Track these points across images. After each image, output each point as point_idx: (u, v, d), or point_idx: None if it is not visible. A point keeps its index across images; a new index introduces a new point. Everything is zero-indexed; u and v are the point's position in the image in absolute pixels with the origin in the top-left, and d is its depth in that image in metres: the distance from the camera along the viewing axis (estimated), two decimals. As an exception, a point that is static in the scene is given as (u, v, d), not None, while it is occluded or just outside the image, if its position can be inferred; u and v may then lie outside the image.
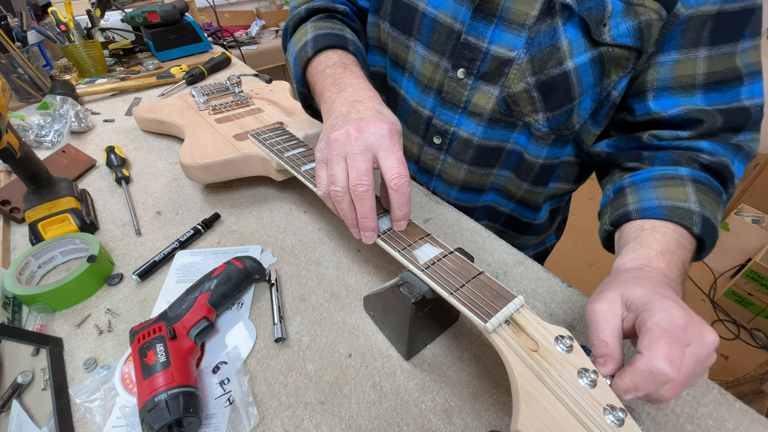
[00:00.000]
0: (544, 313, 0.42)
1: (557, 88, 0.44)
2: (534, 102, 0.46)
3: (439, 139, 0.54)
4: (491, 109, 0.49)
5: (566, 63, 0.43)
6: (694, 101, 0.42)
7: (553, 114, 0.47)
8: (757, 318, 1.51)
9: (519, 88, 0.46)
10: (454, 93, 0.50)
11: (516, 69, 0.45)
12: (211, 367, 0.38)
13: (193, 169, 0.55)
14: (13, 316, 0.41)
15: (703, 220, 0.37)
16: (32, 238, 0.51)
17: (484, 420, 0.34)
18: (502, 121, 0.50)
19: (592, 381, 0.24)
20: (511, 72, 0.45)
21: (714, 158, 0.41)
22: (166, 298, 0.44)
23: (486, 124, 0.50)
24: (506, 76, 0.46)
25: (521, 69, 0.45)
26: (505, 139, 0.51)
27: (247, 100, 0.73)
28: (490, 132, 0.51)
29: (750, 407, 0.34)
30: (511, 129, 0.50)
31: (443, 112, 0.52)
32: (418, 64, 0.51)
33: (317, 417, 0.34)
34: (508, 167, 0.55)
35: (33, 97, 0.88)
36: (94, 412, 0.34)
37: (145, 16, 1.03)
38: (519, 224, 0.63)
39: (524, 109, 0.47)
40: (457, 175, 0.57)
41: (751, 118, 0.42)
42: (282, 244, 0.52)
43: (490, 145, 0.52)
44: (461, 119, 0.51)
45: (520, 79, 0.45)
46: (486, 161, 0.54)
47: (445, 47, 0.48)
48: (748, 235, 1.65)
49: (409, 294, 0.33)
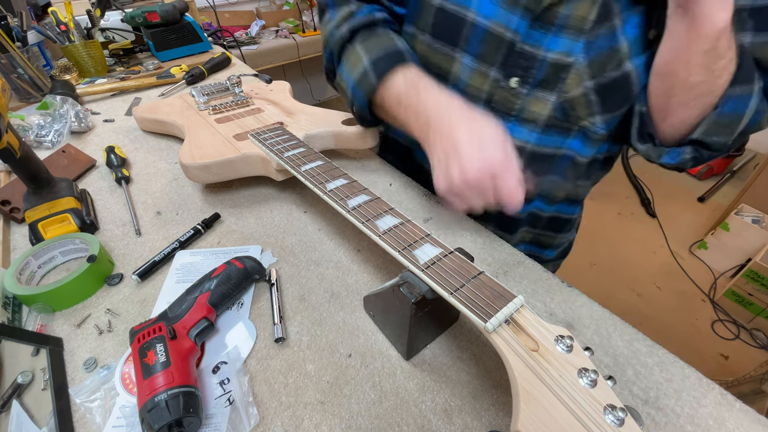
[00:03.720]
0: (544, 313, 0.42)
1: (617, 90, 0.44)
2: (591, 105, 0.46)
3: None
4: (548, 115, 0.48)
5: (625, 64, 0.43)
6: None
7: (612, 116, 0.47)
8: (757, 318, 1.51)
9: (577, 92, 0.45)
10: (505, 102, 0.49)
11: (574, 74, 0.44)
12: (211, 367, 0.38)
13: (193, 169, 0.55)
14: (13, 316, 0.41)
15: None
16: (32, 238, 0.51)
17: (484, 420, 0.34)
18: (558, 126, 0.49)
19: (592, 381, 0.24)
20: (569, 77, 0.45)
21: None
22: (166, 298, 0.44)
23: (541, 130, 0.49)
24: (564, 81, 0.45)
25: (579, 73, 0.44)
26: (559, 146, 0.50)
27: (247, 100, 0.73)
28: (545, 138, 0.50)
29: (750, 407, 0.34)
30: (566, 134, 0.49)
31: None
32: (465, 75, 0.50)
33: (317, 417, 0.34)
34: (556, 172, 0.53)
35: (33, 97, 0.88)
36: (94, 412, 0.34)
37: (145, 16, 1.03)
38: (560, 223, 0.61)
39: (581, 113, 0.47)
40: None
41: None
42: (282, 244, 0.52)
43: (544, 152, 0.51)
44: (512, 127, 0.50)
45: (578, 84, 0.45)
46: (538, 169, 0.52)
47: (495, 57, 0.46)
48: (748, 235, 1.65)
49: (409, 294, 0.33)
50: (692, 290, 1.66)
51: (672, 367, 0.37)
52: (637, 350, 0.39)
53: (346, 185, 0.46)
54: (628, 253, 1.81)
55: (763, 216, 1.69)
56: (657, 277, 1.71)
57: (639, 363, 0.38)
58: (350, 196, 0.44)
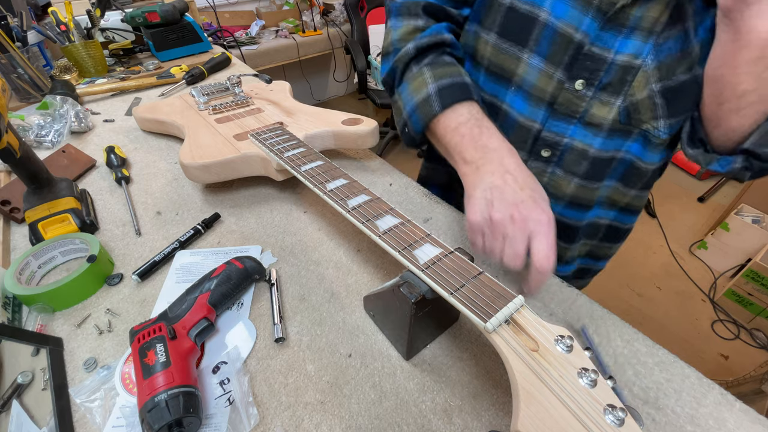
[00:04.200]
0: (544, 313, 0.42)
1: (685, 94, 0.43)
2: (656, 108, 0.44)
3: (548, 152, 0.51)
4: (612, 119, 0.46)
5: (696, 68, 0.42)
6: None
7: (676, 120, 0.45)
8: (757, 318, 1.51)
9: (643, 95, 0.44)
10: (569, 104, 0.47)
11: (641, 76, 0.43)
12: (211, 367, 0.38)
13: (193, 169, 0.55)
14: (13, 316, 0.41)
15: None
16: (32, 238, 0.51)
17: (484, 420, 0.34)
18: (620, 130, 0.47)
19: (592, 381, 0.24)
20: (636, 80, 0.44)
21: None
22: (166, 298, 0.44)
23: (605, 135, 0.48)
24: (630, 84, 0.44)
25: (647, 76, 0.43)
26: (618, 149, 0.49)
27: (247, 100, 0.73)
28: (608, 143, 0.48)
29: (750, 407, 0.34)
30: (626, 137, 0.48)
31: (555, 123, 0.49)
32: (531, 76, 0.48)
33: (317, 417, 0.34)
34: (615, 177, 0.52)
35: (33, 97, 0.88)
36: (94, 412, 0.34)
37: (145, 16, 1.03)
38: (618, 233, 0.60)
39: (644, 116, 0.45)
40: (566, 189, 0.53)
41: None
42: (282, 244, 0.52)
43: (604, 156, 0.49)
44: (575, 130, 0.49)
45: (644, 87, 0.43)
46: (599, 173, 0.51)
47: (561, 58, 0.46)
48: (748, 235, 1.65)
49: (409, 294, 0.33)
50: (692, 290, 1.66)
51: (672, 367, 0.37)
52: (637, 350, 0.39)
53: (346, 185, 0.46)
54: (628, 253, 1.81)
55: (763, 216, 1.69)
56: (657, 277, 1.71)
57: (639, 363, 0.38)
58: (350, 196, 0.44)
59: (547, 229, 0.38)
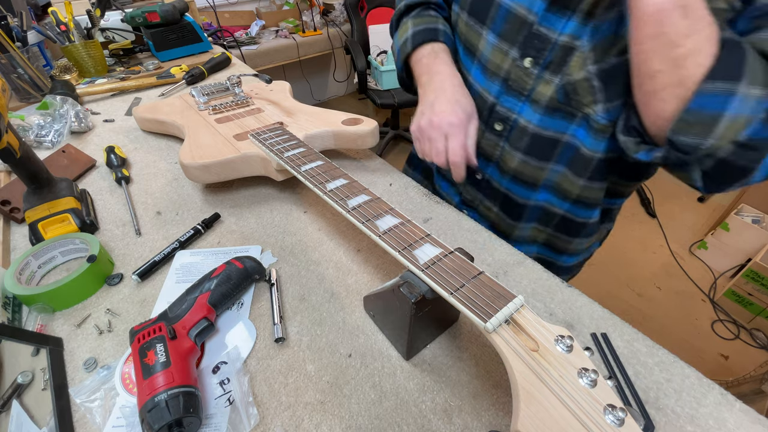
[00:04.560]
0: (544, 313, 0.42)
1: (618, 77, 0.44)
2: (594, 92, 0.46)
3: (501, 126, 0.55)
4: (550, 96, 0.49)
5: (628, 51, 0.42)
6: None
7: (612, 105, 0.46)
8: (757, 318, 1.51)
9: (579, 76, 0.46)
10: (520, 81, 0.51)
11: (578, 57, 0.45)
12: (211, 367, 0.38)
13: (193, 169, 0.55)
14: (13, 316, 0.41)
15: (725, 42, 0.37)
16: (32, 238, 0.51)
17: (484, 420, 0.34)
18: (560, 110, 0.50)
19: (592, 381, 0.24)
20: (573, 60, 0.46)
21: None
22: (166, 298, 0.44)
23: (543, 111, 0.51)
24: (568, 64, 0.46)
25: (583, 57, 0.45)
26: (563, 131, 0.51)
27: (247, 100, 0.73)
28: (546, 120, 0.51)
29: (750, 407, 0.34)
30: (570, 120, 0.50)
31: (507, 99, 0.53)
32: (487, 51, 0.53)
33: (317, 417, 0.34)
34: (563, 162, 0.53)
35: (33, 97, 0.88)
36: (94, 412, 0.34)
37: (145, 16, 1.03)
38: (573, 226, 0.60)
39: (584, 99, 0.47)
40: (511, 163, 0.56)
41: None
42: (282, 244, 0.52)
43: (545, 135, 0.52)
44: (523, 107, 0.52)
45: (581, 68, 0.45)
46: (540, 152, 0.54)
47: (516, 37, 0.49)
48: (748, 235, 1.65)
49: (409, 294, 0.33)
50: (692, 290, 1.66)
51: (672, 367, 0.37)
52: (637, 350, 0.39)
53: (346, 185, 0.46)
54: (628, 253, 1.81)
55: (763, 216, 1.69)
56: (657, 277, 1.71)
57: (639, 363, 0.38)
58: (350, 196, 0.44)
59: (457, 130, 0.50)
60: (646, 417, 0.33)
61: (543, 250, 0.65)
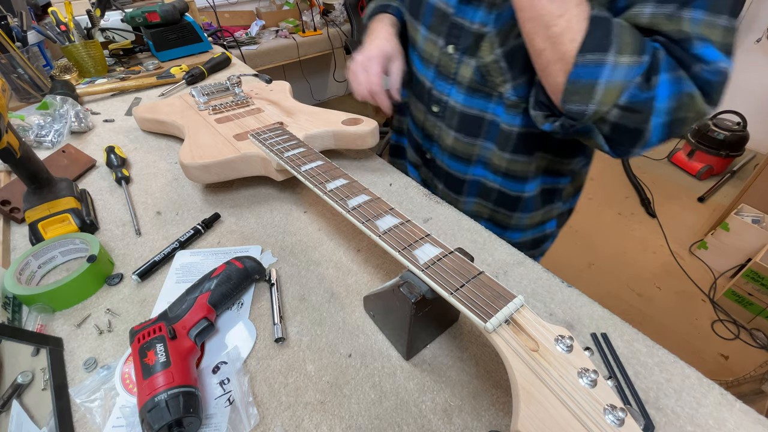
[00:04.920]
0: (544, 313, 0.42)
1: (519, 57, 0.50)
2: (503, 72, 0.52)
3: (437, 108, 0.63)
4: (470, 77, 0.56)
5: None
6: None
7: (518, 82, 0.52)
8: (757, 318, 1.51)
9: (490, 58, 0.52)
10: (447, 66, 0.58)
11: (487, 42, 0.52)
12: (211, 367, 0.38)
13: (193, 169, 0.55)
14: (13, 316, 0.41)
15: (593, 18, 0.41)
16: (32, 238, 0.51)
17: (484, 420, 0.34)
18: (480, 90, 0.56)
19: (592, 381, 0.24)
20: (483, 44, 0.52)
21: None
22: (166, 298, 0.44)
23: (465, 92, 0.58)
24: (480, 48, 0.53)
25: (491, 41, 0.51)
26: (484, 109, 0.58)
27: (247, 100, 0.73)
28: (470, 100, 0.58)
29: (750, 407, 0.34)
30: (488, 99, 0.56)
31: (439, 83, 0.61)
32: (422, 43, 0.61)
33: (317, 417, 0.34)
34: (490, 139, 0.60)
35: (33, 97, 0.88)
36: (94, 412, 0.34)
37: (145, 16, 1.03)
38: (509, 200, 0.64)
39: (496, 79, 0.53)
40: (447, 141, 0.64)
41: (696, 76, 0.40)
42: (282, 244, 0.52)
43: (470, 113, 0.59)
44: (451, 89, 0.59)
45: (490, 51, 0.52)
46: (469, 130, 0.61)
47: (440, 28, 0.57)
48: (748, 235, 1.65)
49: (409, 294, 0.33)
50: (692, 290, 1.66)
51: (672, 367, 0.37)
52: (637, 350, 0.39)
53: (346, 185, 0.46)
54: (628, 253, 1.81)
55: (763, 216, 1.69)
56: (657, 277, 1.71)
57: (639, 363, 0.38)
58: (350, 196, 0.44)
59: (373, 63, 0.59)
60: (646, 417, 0.33)
61: (489, 225, 0.67)
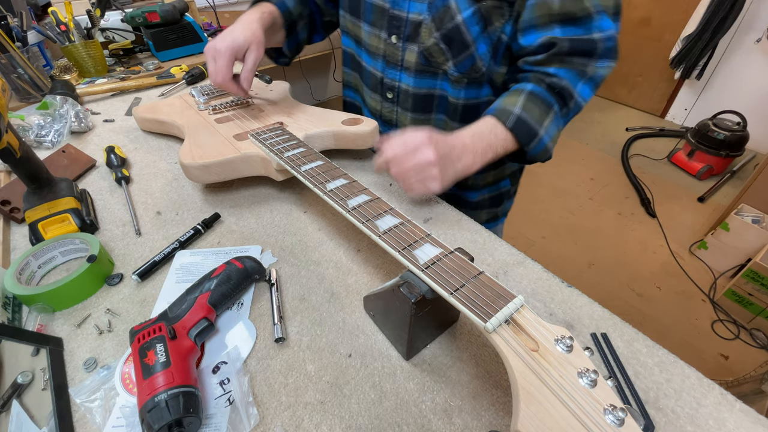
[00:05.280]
0: (544, 313, 0.42)
1: (455, 38, 0.57)
2: (444, 53, 0.59)
3: (391, 94, 0.69)
4: (416, 61, 0.62)
5: (456, 18, 0.55)
6: (553, 33, 0.53)
7: (458, 60, 0.59)
8: (757, 318, 1.51)
9: (430, 42, 0.59)
10: (393, 55, 0.64)
11: (425, 28, 0.59)
12: (211, 367, 0.38)
13: (193, 169, 0.55)
14: (13, 316, 0.41)
15: (517, 119, 0.54)
16: (32, 238, 0.51)
17: (484, 420, 0.34)
18: (426, 71, 0.63)
19: (592, 381, 0.24)
20: (422, 30, 0.59)
21: (556, 80, 0.55)
22: (166, 298, 0.44)
23: (414, 74, 0.64)
24: (420, 34, 0.59)
25: (429, 27, 0.58)
26: (432, 87, 0.64)
27: (247, 100, 0.73)
28: (419, 81, 0.64)
29: (750, 407, 0.34)
30: (434, 77, 0.63)
31: (389, 71, 0.66)
32: (366, 38, 0.67)
33: (317, 417, 0.34)
34: (441, 111, 0.67)
35: (33, 97, 0.88)
36: (94, 412, 0.34)
37: (145, 16, 1.03)
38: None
39: (438, 59, 0.60)
40: (405, 122, 0.70)
41: (597, 48, 0.53)
42: (282, 244, 0.52)
43: (421, 93, 0.65)
44: (401, 75, 0.65)
45: (429, 36, 0.59)
46: (422, 107, 0.67)
47: (382, 22, 0.63)
48: (748, 235, 1.65)
49: (409, 294, 0.33)
50: (692, 290, 1.66)
51: (672, 367, 0.37)
52: (637, 350, 0.39)
53: (346, 185, 0.46)
54: (628, 253, 1.81)
55: (763, 216, 1.69)
56: (657, 277, 1.71)
57: (639, 363, 0.38)
58: (350, 196, 0.44)
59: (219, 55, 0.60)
60: (646, 417, 0.33)
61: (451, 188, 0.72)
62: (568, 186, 2.22)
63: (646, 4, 2.66)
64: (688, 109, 2.71)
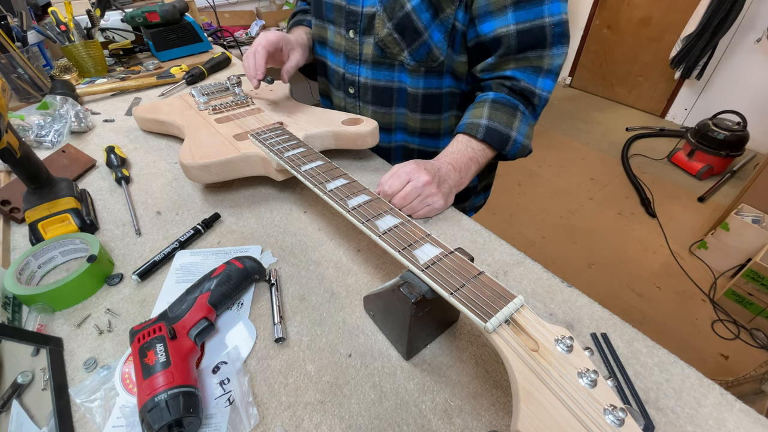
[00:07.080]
0: (544, 313, 0.42)
1: (406, 26, 0.59)
2: (398, 42, 0.61)
3: (353, 89, 0.71)
4: (372, 54, 0.65)
5: (406, 6, 0.58)
6: (507, 20, 0.55)
7: (412, 48, 0.61)
8: (757, 318, 1.51)
9: (384, 33, 0.61)
10: (352, 50, 0.67)
11: (379, 20, 0.61)
12: (211, 367, 0.38)
13: (193, 169, 0.55)
14: (13, 316, 0.41)
15: (487, 129, 0.57)
16: (32, 238, 0.51)
17: (484, 420, 0.34)
18: (383, 63, 0.65)
19: (592, 381, 0.24)
20: (375, 22, 0.61)
21: (515, 82, 0.58)
22: (166, 298, 0.44)
23: (371, 67, 0.66)
24: (374, 26, 0.62)
25: (382, 19, 0.60)
26: (390, 79, 0.66)
27: (247, 100, 0.73)
28: (377, 74, 0.66)
29: (750, 407, 0.34)
30: (392, 69, 0.65)
31: (350, 66, 0.69)
32: (331, 36, 0.70)
33: (317, 417, 0.34)
34: (401, 104, 0.69)
35: (33, 97, 0.88)
36: (94, 412, 0.34)
37: (145, 16, 1.03)
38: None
39: (394, 50, 0.62)
40: (367, 115, 0.71)
41: (547, 36, 0.55)
42: (282, 244, 0.52)
43: (380, 85, 0.67)
44: (360, 69, 0.68)
45: (383, 27, 0.61)
46: (382, 101, 0.69)
47: (340, 19, 0.66)
48: (748, 235, 1.65)
49: (409, 294, 0.33)
50: (692, 290, 1.66)
51: (672, 367, 0.37)
52: (637, 350, 0.39)
53: (346, 185, 0.46)
54: (628, 253, 1.81)
55: (763, 216, 1.69)
56: (657, 277, 1.70)
57: (639, 363, 0.38)
58: (350, 196, 0.44)
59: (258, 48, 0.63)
60: (646, 417, 0.33)
61: None
62: (568, 186, 2.22)
63: (646, 4, 2.66)
64: (688, 109, 2.71)
